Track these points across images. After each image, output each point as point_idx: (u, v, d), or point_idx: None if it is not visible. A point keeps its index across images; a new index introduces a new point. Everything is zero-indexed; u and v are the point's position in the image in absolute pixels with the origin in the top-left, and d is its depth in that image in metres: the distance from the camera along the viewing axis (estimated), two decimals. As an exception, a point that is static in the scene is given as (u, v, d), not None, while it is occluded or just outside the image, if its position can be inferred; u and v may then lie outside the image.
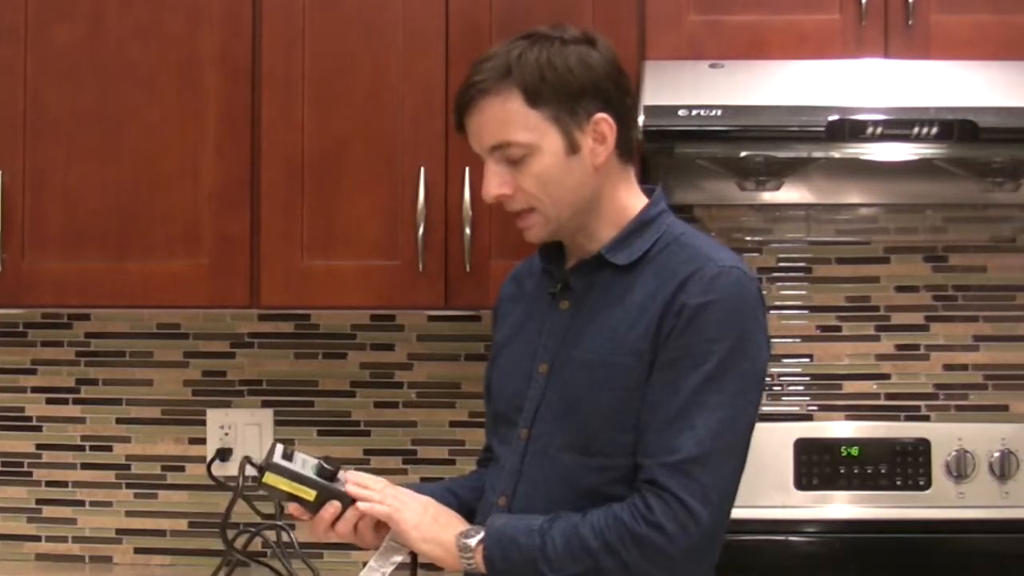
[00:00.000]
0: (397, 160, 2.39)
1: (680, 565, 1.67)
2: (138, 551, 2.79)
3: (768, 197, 2.65)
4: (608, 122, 1.77)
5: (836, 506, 2.61)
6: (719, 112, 2.22)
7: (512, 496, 1.79)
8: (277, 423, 2.77)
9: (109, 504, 2.79)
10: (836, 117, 2.20)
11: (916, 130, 2.19)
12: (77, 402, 2.81)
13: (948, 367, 2.69)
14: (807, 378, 2.71)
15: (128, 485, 2.79)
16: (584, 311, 1.80)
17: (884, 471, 2.60)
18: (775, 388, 2.70)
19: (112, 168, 2.44)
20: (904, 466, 2.60)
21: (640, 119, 2.17)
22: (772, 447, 2.58)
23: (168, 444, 2.79)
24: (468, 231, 2.34)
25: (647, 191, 1.86)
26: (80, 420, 2.81)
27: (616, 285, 1.78)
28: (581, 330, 1.79)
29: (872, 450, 2.61)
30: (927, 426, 2.64)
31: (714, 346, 1.68)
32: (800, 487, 2.60)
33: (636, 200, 1.84)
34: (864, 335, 2.71)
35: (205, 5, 2.42)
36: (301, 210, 2.40)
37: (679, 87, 2.26)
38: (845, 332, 2.71)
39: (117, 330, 2.81)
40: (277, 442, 1.80)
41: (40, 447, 2.81)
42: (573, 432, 1.76)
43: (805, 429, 2.64)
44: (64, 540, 2.80)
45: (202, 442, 2.78)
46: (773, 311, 2.67)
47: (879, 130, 2.20)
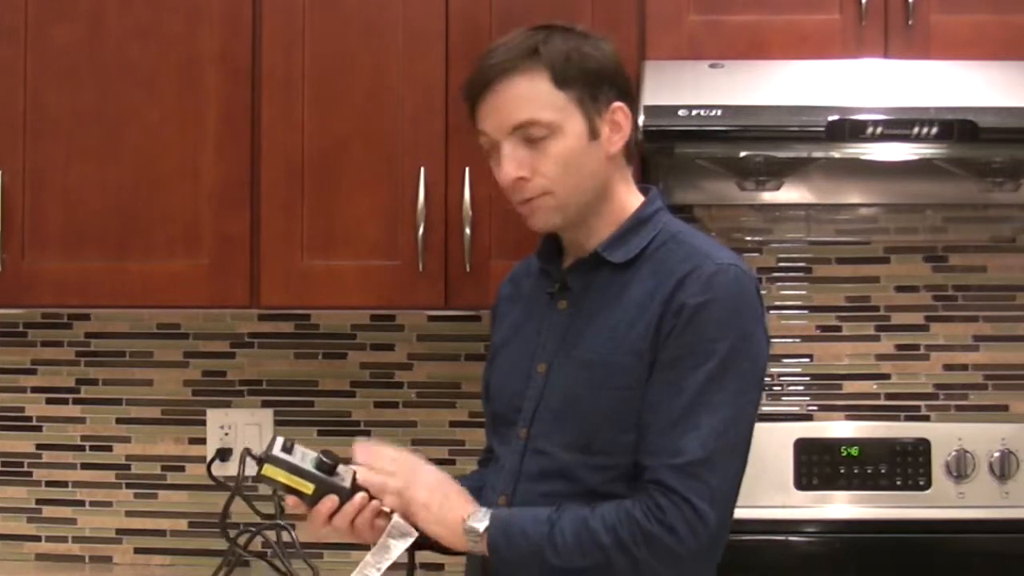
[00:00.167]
0: (397, 160, 2.39)
1: (687, 565, 1.68)
2: (138, 551, 2.79)
3: (768, 197, 2.65)
4: (625, 111, 1.80)
5: (836, 506, 2.61)
6: (719, 112, 2.22)
7: (512, 495, 1.79)
8: (277, 423, 2.76)
9: (109, 504, 2.79)
10: (836, 117, 2.20)
11: (916, 130, 2.19)
12: (77, 402, 2.81)
13: (948, 367, 2.69)
14: (807, 378, 2.71)
15: (128, 485, 2.79)
16: (582, 311, 1.80)
17: (884, 471, 2.60)
18: (775, 388, 2.70)
19: (112, 168, 2.44)
20: (904, 466, 2.60)
21: (640, 119, 2.17)
22: (772, 447, 2.58)
23: (168, 444, 2.79)
24: (468, 231, 2.34)
25: (643, 190, 1.87)
26: (80, 420, 2.81)
27: (614, 284, 1.78)
28: (580, 330, 1.79)
29: (872, 450, 2.61)
30: (927, 426, 2.64)
31: (715, 345, 1.68)
32: (800, 487, 2.60)
33: (634, 198, 1.85)
34: (864, 335, 2.71)
35: (205, 5, 2.42)
36: (301, 210, 2.40)
37: (679, 87, 2.26)
38: (845, 332, 2.71)
39: (117, 330, 2.81)
40: (278, 435, 1.80)
41: (40, 447, 2.81)
42: (573, 431, 1.76)
43: (805, 429, 2.64)
44: (64, 540, 2.80)
45: (202, 442, 2.78)
46: (773, 311, 2.67)
47: (879, 130, 2.20)
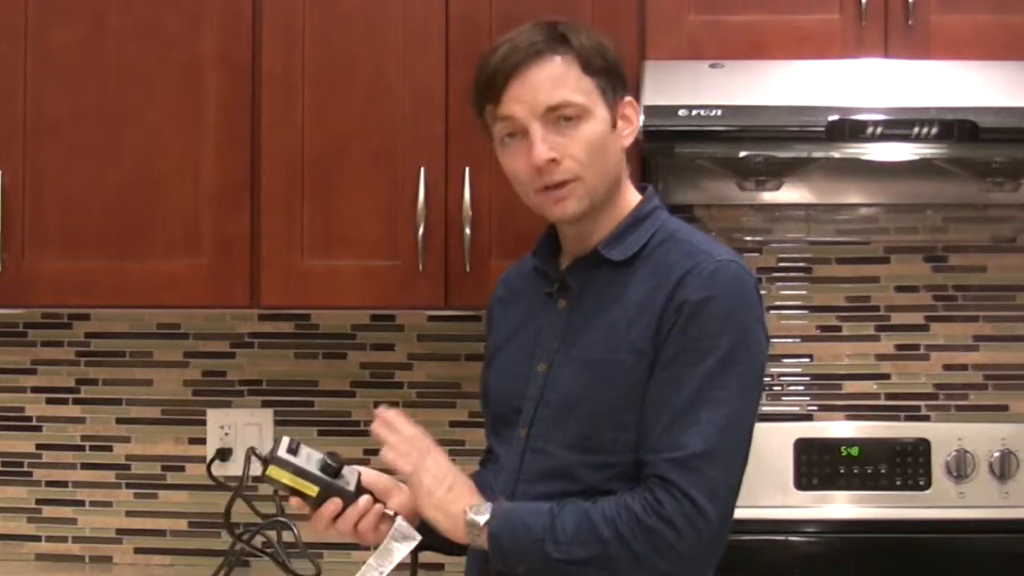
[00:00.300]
0: (397, 160, 2.39)
1: (687, 560, 1.68)
2: (138, 551, 2.79)
3: (768, 197, 2.65)
4: (634, 106, 1.83)
5: (836, 506, 2.61)
6: (719, 112, 2.22)
7: (512, 495, 1.78)
8: (277, 423, 2.77)
9: (109, 504, 2.79)
10: (836, 117, 2.20)
11: (916, 130, 2.19)
12: (77, 402, 2.81)
13: (948, 367, 2.69)
14: (807, 378, 2.71)
15: (128, 485, 2.79)
16: (582, 309, 1.80)
17: (884, 471, 2.60)
18: (775, 388, 2.69)
19: (112, 168, 2.44)
20: (904, 466, 2.60)
21: (640, 119, 2.16)
22: (772, 447, 2.58)
23: (168, 444, 2.79)
24: (468, 231, 2.34)
25: (639, 189, 1.88)
26: (80, 420, 2.81)
27: (613, 283, 1.78)
28: (580, 328, 1.79)
29: (872, 450, 2.61)
30: (927, 426, 2.64)
31: (716, 341, 1.68)
32: (800, 487, 2.60)
33: (633, 196, 1.86)
34: (864, 335, 2.71)
35: (205, 5, 2.42)
36: (301, 210, 2.40)
37: (679, 87, 2.26)
38: (845, 332, 2.71)
39: (117, 330, 2.81)
40: (284, 435, 1.80)
41: (40, 447, 2.81)
42: (573, 430, 1.76)
43: (805, 429, 2.64)
44: (64, 540, 2.80)
45: (202, 442, 2.78)
46: (773, 311, 2.67)
47: (879, 130, 2.20)
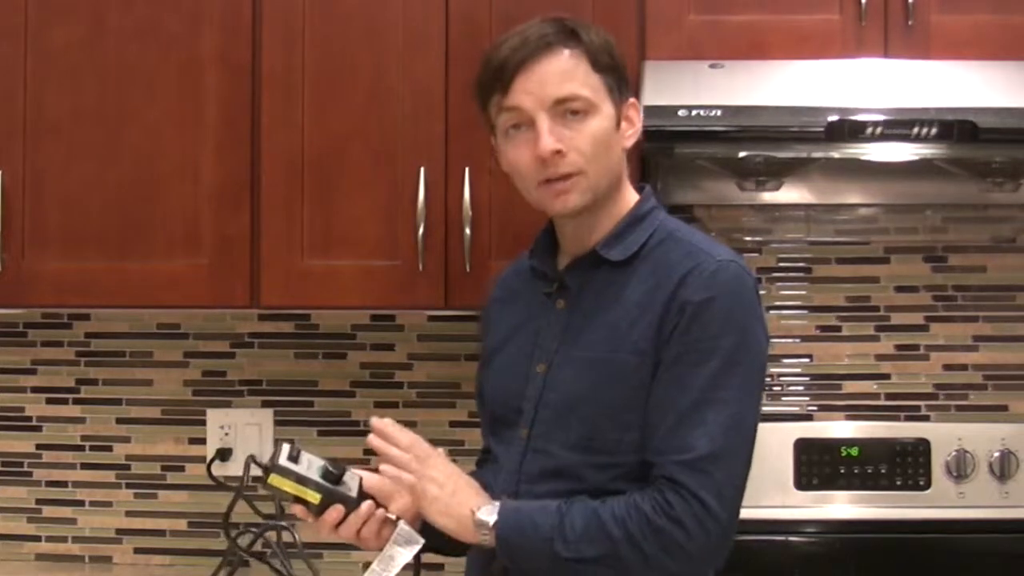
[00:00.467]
0: (397, 160, 2.39)
1: (696, 561, 1.68)
2: (138, 551, 2.79)
3: (768, 197, 2.65)
4: (637, 108, 1.85)
5: (836, 506, 2.61)
6: (719, 112, 2.22)
7: (515, 495, 1.78)
8: (277, 423, 2.77)
9: (109, 504, 2.79)
10: (836, 117, 2.20)
11: (916, 130, 2.19)
12: (77, 402, 2.81)
13: (948, 367, 2.69)
14: (807, 378, 2.71)
15: (128, 485, 2.79)
16: (581, 309, 1.80)
17: (884, 471, 2.60)
18: (775, 388, 2.69)
19: (112, 168, 2.44)
20: (904, 466, 2.60)
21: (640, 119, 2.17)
22: (772, 447, 2.57)
23: (168, 444, 2.79)
24: (468, 231, 2.34)
25: (637, 188, 1.88)
26: (80, 420, 2.81)
27: (613, 283, 1.78)
28: (579, 328, 1.79)
29: (872, 450, 2.61)
30: (927, 426, 2.64)
31: (718, 342, 1.69)
32: (800, 487, 2.60)
33: (632, 197, 1.86)
34: (864, 335, 2.71)
35: (205, 5, 2.42)
36: (301, 210, 2.40)
37: (679, 87, 2.26)
38: (845, 332, 2.71)
39: (117, 330, 2.80)
40: (284, 442, 1.80)
41: (40, 447, 2.81)
42: (575, 431, 1.75)
43: (805, 429, 2.64)
44: (64, 540, 2.80)
45: (202, 442, 2.78)
46: (773, 311, 2.67)
47: (879, 130, 2.20)
